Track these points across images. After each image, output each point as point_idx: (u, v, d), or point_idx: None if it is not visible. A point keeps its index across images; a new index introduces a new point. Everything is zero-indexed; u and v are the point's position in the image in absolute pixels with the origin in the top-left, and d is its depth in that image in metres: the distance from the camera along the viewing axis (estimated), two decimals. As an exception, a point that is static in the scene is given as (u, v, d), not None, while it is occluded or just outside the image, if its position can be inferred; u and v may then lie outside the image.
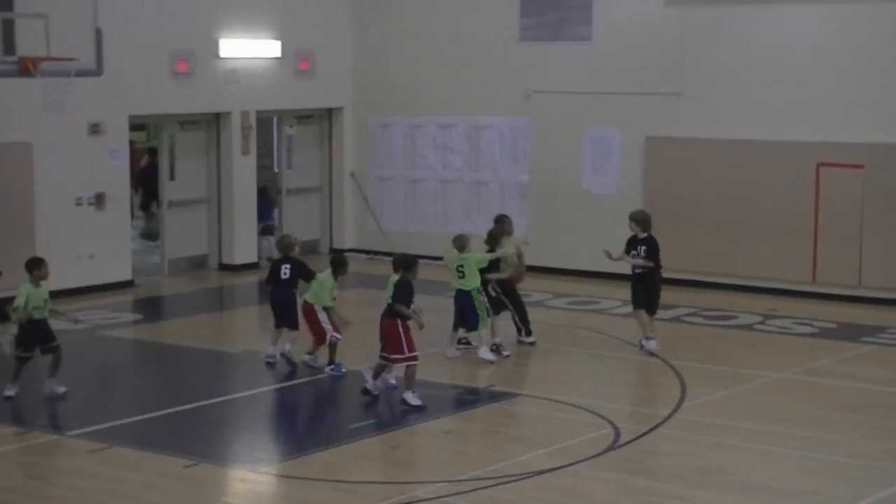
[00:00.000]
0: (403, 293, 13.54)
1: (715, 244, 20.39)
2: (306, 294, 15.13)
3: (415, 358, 13.52)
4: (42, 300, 13.93)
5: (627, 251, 16.05)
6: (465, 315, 15.47)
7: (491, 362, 15.38)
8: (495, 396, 14.06)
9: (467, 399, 14.12)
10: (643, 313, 15.97)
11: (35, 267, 13.99)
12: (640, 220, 16.15)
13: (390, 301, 13.56)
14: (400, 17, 23.43)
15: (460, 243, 15.54)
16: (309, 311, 14.98)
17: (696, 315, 18.60)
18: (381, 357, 13.71)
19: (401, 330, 13.50)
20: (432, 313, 18.24)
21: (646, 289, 15.96)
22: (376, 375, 13.83)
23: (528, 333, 16.28)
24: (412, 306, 13.62)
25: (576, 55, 21.55)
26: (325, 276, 14.92)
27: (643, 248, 15.90)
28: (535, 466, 11.62)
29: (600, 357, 16.07)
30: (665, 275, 16.39)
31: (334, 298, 14.89)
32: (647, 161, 20.99)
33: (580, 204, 21.51)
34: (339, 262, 15.08)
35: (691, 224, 20.52)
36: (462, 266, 15.45)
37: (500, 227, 16.31)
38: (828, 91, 19.51)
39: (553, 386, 14.52)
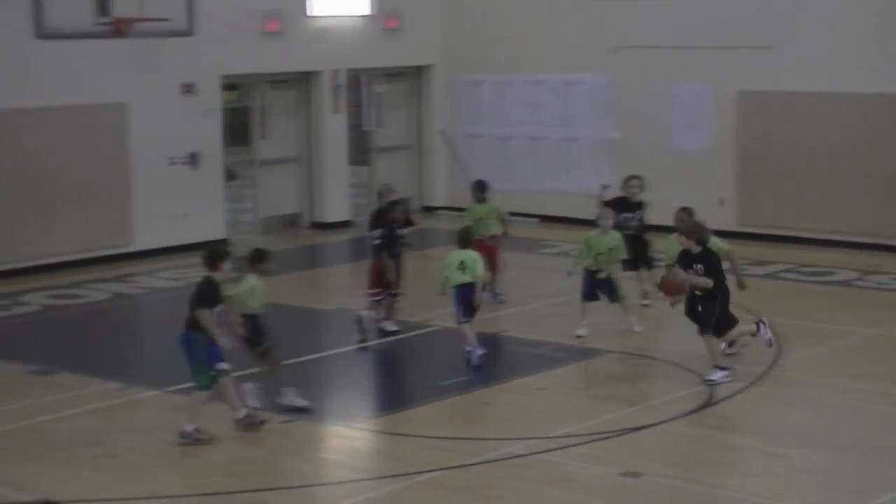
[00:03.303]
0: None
1: (811, 199, 20.09)
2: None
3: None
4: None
5: (683, 267, 12.94)
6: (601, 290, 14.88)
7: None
8: (588, 353, 14.01)
9: (559, 356, 14.08)
10: (712, 338, 12.97)
11: (261, 259, 12.18)
12: (691, 231, 13.06)
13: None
14: (488, -28, 23.32)
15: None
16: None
17: (792, 271, 18.37)
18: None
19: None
20: (526, 271, 18.28)
21: (710, 309, 12.89)
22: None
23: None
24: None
25: (664, 9, 21.28)
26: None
27: (700, 266, 12.80)
28: (627, 423, 11.59)
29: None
30: (760, 231, 16.09)
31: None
32: (740, 116, 20.70)
33: (671, 160, 21.30)
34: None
35: (786, 179, 20.24)
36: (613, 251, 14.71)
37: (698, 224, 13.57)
38: (927, 42, 19.10)
39: (646, 343, 14.44)
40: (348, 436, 11.63)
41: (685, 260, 12.90)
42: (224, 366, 11.29)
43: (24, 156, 18.45)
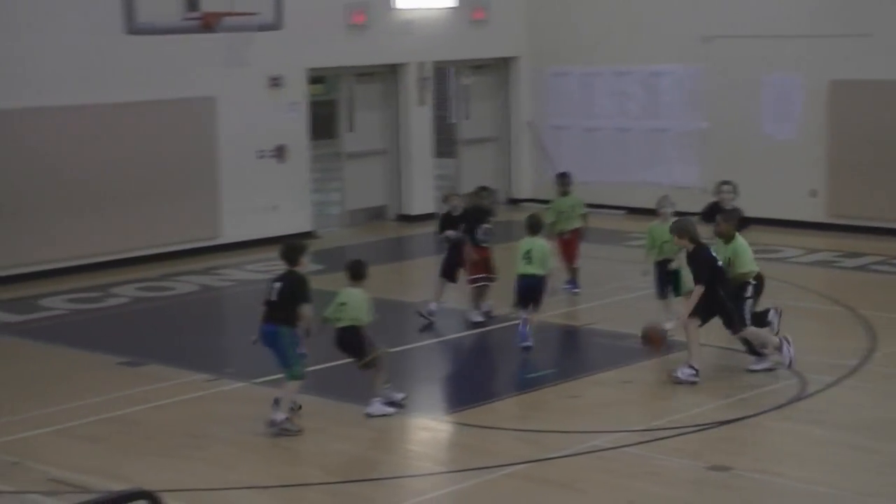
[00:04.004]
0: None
1: (904, 190, 19.75)
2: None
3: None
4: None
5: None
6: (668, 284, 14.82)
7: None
8: (676, 346, 13.88)
9: (646, 349, 13.93)
10: (749, 330, 12.62)
11: (363, 274, 11.90)
12: (682, 230, 12.56)
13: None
14: (575, -37, 23.19)
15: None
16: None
17: (884, 263, 18.05)
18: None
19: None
20: (611, 263, 18.18)
21: (723, 307, 12.51)
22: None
23: None
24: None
25: (755, -2, 21.05)
26: None
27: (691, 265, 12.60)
28: (717, 417, 11.46)
29: (784, 307, 15.70)
30: (851, 222, 15.79)
31: None
32: (831, 105, 20.38)
33: (761, 150, 21.05)
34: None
35: (879, 170, 19.90)
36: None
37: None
38: None
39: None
40: (434, 428, 11.64)
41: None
42: (303, 353, 11.38)
43: (114, 150, 18.70)
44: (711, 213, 15.22)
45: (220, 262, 19.20)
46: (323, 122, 22.53)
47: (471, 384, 13.39)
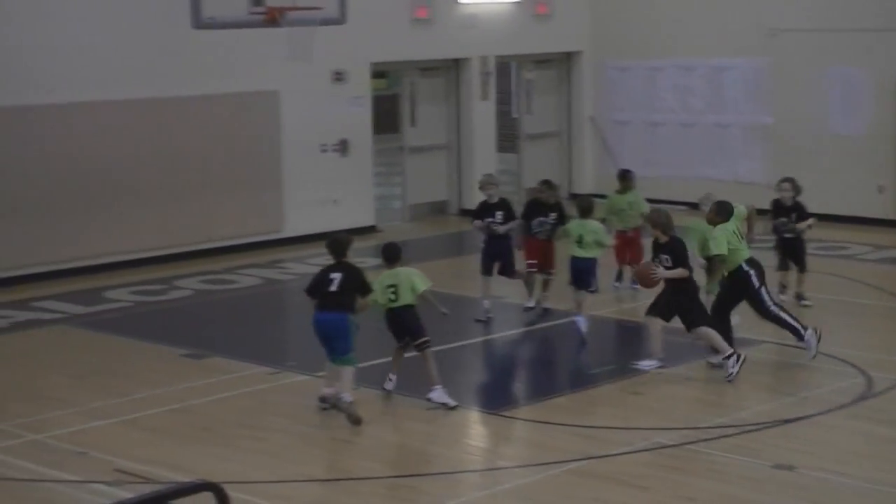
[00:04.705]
0: None
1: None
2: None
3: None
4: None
5: (652, 258, 12.96)
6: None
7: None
8: (741, 343, 13.72)
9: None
10: (653, 320, 12.80)
11: (398, 256, 12.11)
12: (656, 222, 12.88)
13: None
14: (639, -43, 23.04)
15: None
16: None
17: (952, 261, 17.81)
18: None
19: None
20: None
21: (676, 299, 12.69)
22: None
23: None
24: None
25: (823, -9, 20.80)
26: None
27: (667, 256, 12.66)
28: (780, 415, 11.34)
29: (851, 304, 15.53)
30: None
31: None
32: (900, 100, 20.11)
33: (827, 146, 20.80)
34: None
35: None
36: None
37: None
38: None
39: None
40: (495, 423, 11.61)
41: (654, 250, 12.81)
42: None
43: (179, 143, 18.83)
44: (775, 210, 15.14)
45: (283, 255, 19.29)
46: (385, 117, 22.56)
47: (533, 379, 13.36)
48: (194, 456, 10.71)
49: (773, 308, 12.87)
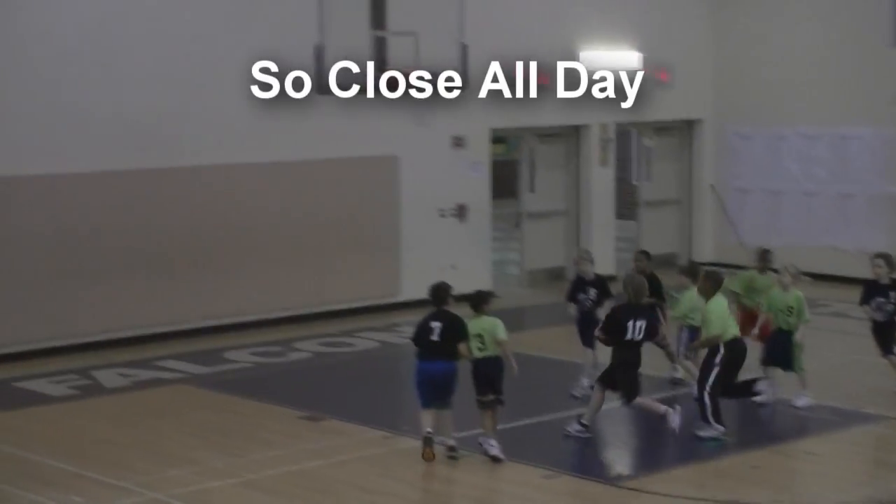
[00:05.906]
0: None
1: None
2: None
3: None
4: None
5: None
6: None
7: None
8: (865, 419, 13.43)
9: (833, 420, 13.52)
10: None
11: (486, 301, 12.68)
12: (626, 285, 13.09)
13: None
14: (760, 24, 22.88)
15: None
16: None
17: None
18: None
19: None
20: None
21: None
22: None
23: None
24: None
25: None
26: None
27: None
28: (905, 494, 11.05)
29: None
30: None
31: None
32: None
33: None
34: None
35: None
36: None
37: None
38: None
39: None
40: (612, 493, 11.47)
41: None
42: None
43: (298, 206, 19.09)
44: (867, 292, 14.42)
45: (400, 318, 19.36)
46: (504, 182, 22.64)
47: (650, 450, 13.16)
48: (309, 519, 10.75)
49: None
